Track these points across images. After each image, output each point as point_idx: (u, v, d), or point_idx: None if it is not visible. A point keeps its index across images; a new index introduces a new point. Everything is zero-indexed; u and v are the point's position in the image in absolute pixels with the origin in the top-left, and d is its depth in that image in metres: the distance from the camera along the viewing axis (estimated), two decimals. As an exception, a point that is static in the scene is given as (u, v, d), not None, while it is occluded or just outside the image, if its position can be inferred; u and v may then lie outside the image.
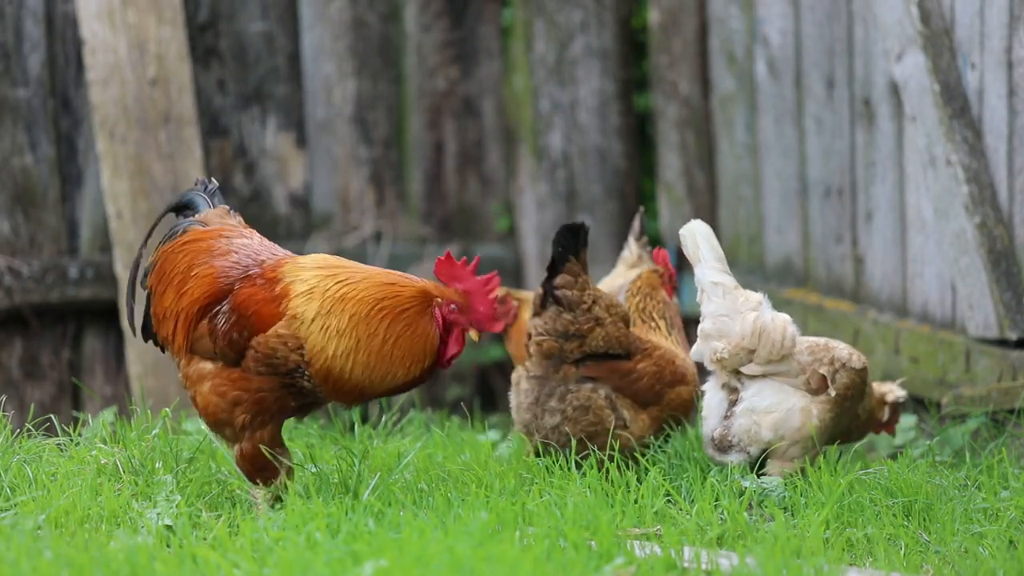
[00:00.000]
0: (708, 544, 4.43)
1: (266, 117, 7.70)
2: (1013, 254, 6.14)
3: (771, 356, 5.19)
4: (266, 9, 7.65)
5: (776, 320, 5.23)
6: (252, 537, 4.35)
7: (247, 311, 4.68)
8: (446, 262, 4.72)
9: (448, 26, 7.91)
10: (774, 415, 5.18)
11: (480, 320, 4.69)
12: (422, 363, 4.67)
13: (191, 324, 4.75)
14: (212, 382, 4.72)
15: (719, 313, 5.22)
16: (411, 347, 4.66)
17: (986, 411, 6.12)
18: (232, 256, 4.79)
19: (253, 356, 4.67)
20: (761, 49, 7.37)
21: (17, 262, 7.26)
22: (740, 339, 5.19)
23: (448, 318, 4.68)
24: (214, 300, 4.74)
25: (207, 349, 4.73)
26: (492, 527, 4.38)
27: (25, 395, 7.34)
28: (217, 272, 4.76)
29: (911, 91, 6.41)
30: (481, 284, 4.71)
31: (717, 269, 5.24)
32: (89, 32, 7.26)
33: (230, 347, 4.69)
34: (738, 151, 7.56)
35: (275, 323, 4.65)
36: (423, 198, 7.89)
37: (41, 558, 4.12)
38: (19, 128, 7.29)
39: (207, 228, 4.87)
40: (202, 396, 4.73)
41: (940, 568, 4.45)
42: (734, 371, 5.22)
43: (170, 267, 4.83)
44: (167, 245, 4.86)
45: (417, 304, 4.68)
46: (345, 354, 4.64)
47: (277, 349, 4.65)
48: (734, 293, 5.23)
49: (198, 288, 4.76)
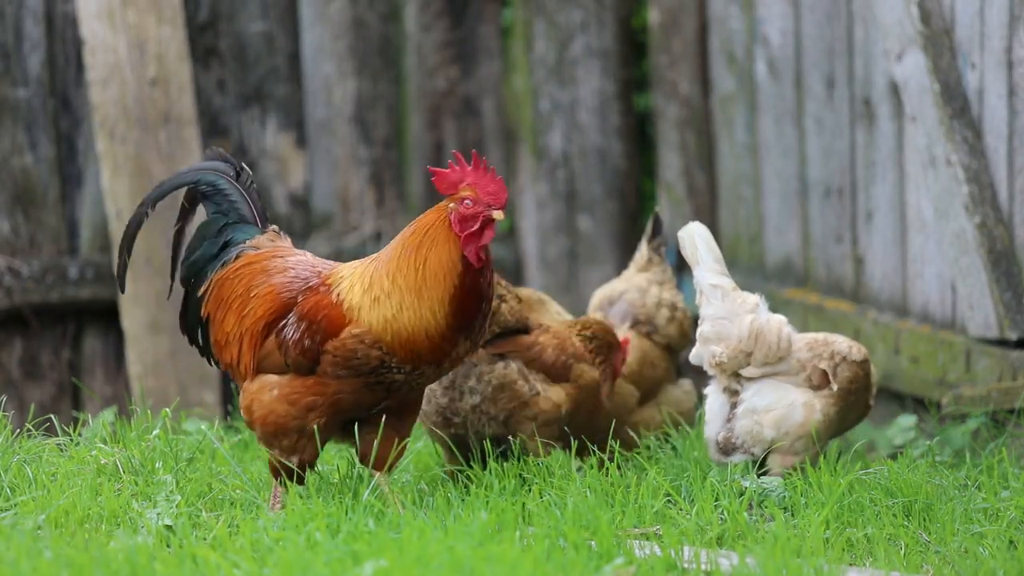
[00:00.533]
0: (708, 544, 4.43)
1: (266, 117, 7.70)
2: (1013, 254, 6.14)
3: (768, 358, 5.19)
4: (266, 9, 7.65)
5: (772, 322, 5.23)
6: (252, 537, 4.35)
7: (316, 316, 4.67)
8: (440, 174, 4.73)
9: (448, 26, 7.91)
10: (774, 413, 5.18)
11: (493, 196, 4.67)
12: (456, 271, 4.64)
13: (257, 344, 4.74)
14: (281, 390, 4.69)
15: (718, 316, 5.22)
16: (439, 261, 4.65)
17: (986, 411, 6.12)
18: (290, 272, 4.79)
19: (331, 361, 4.65)
20: (761, 49, 7.37)
21: (17, 262, 7.26)
22: (738, 342, 5.19)
23: (466, 213, 4.66)
24: (278, 316, 4.73)
25: (276, 364, 4.71)
26: (492, 527, 4.38)
27: (25, 395, 7.33)
28: (278, 288, 4.76)
29: (911, 91, 6.41)
30: (478, 167, 4.71)
31: (716, 271, 5.24)
32: (89, 32, 7.26)
33: (303, 355, 4.67)
34: (738, 151, 7.56)
35: (345, 325, 4.64)
36: (423, 198, 7.88)
37: (41, 558, 4.12)
38: (19, 128, 7.29)
39: (259, 251, 4.86)
40: (265, 404, 4.70)
41: (940, 568, 4.45)
42: (734, 374, 5.22)
43: (228, 292, 4.82)
44: (221, 272, 4.84)
45: (432, 225, 4.69)
46: (397, 310, 4.64)
47: (356, 350, 4.64)
48: (732, 295, 5.23)
49: (261, 306, 4.75)
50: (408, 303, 4.63)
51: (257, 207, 4.94)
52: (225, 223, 4.91)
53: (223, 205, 4.92)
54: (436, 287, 4.64)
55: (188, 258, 4.92)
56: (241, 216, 4.92)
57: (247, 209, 4.93)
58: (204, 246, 4.91)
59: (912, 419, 6.44)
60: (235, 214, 4.92)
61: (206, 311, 4.86)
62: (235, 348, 4.78)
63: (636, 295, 5.78)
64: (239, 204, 4.93)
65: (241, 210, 4.93)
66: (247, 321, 4.76)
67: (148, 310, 7.31)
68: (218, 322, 4.82)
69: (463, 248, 4.64)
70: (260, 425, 4.71)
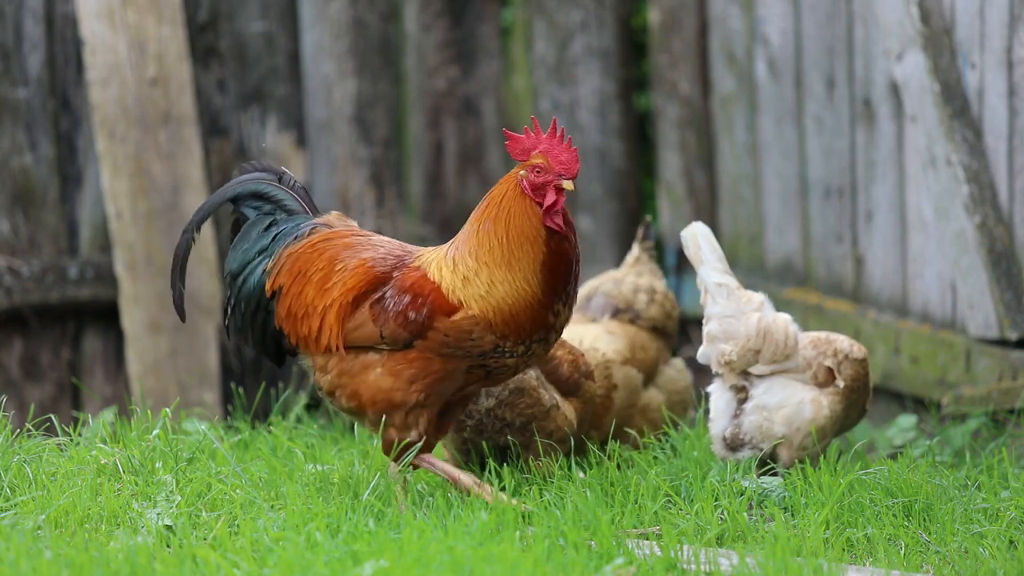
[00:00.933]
0: (708, 544, 4.43)
1: (266, 117, 7.70)
2: (1013, 254, 6.14)
3: (775, 356, 5.20)
4: (266, 9, 7.65)
5: (778, 320, 5.24)
6: (252, 537, 4.34)
7: (423, 290, 4.66)
8: (514, 139, 4.72)
9: (448, 26, 7.91)
10: (785, 410, 5.19)
11: (564, 165, 4.66)
12: (541, 236, 4.62)
13: (344, 314, 4.70)
14: (384, 367, 4.67)
15: (724, 314, 5.23)
16: (521, 230, 4.63)
17: (986, 411, 6.12)
18: (380, 249, 4.77)
19: (441, 340, 4.63)
20: (761, 49, 7.37)
21: (17, 262, 7.26)
22: (746, 340, 5.20)
23: (536, 181, 4.65)
24: (371, 288, 4.70)
25: (368, 336, 4.68)
26: (492, 527, 4.38)
27: (25, 395, 7.33)
28: (370, 262, 4.74)
29: (911, 91, 6.41)
30: (553, 135, 4.70)
31: (720, 270, 5.25)
32: (89, 32, 7.26)
33: (404, 328, 4.64)
34: (738, 151, 7.56)
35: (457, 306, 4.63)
36: (423, 198, 7.89)
37: (41, 558, 4.12)
38: (19, 128, 7.29)
39: (334, 228, 4.84)
40: (370, 384, 4.68)
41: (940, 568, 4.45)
42: (742, 372, 5.23)
43: (306, 265, 4.77)
44: (294, 247, 4.80)
45: (505, 195, 4.67)
46: (488, 286, 4.64)
47: (472, 331, 4.63)
48: (737, 294, 5.24)
49: (352, 278, 4.72)
50: (499, 277, 4.63)
51: (306, 201, 4.92)
52: (274, 220, 4.89)
53: (266, 207, 4.91)
54: (525, 256, 4.63)
55: (236, 253, 4.88)
56: (290, 211, 4.90)
57: (296, 204, 4.90)
58: (253, 240, 4.87)
59: (912, 419, 6.44)
60: (282, 212, 4.90)
61: (276, 284, 4.80)
62: (316, 320, 4.74)
63: (611, 286, 5.83)
64: (287, 202, 4.90)
65: (289, 206, 4.90)
66: (334, 292, 4.72)
67: (148, 310, 7.31)
68: (294, 294, 4.78)
69: (543, 216, 4.62)
70: (370, 406, 4.69)
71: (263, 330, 4.86)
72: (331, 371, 4.74)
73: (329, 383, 4.75)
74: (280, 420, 5.86)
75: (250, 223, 4.90)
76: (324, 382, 4.76)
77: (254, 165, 4.98)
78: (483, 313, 4.62)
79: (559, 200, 4.64)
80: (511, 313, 4.62)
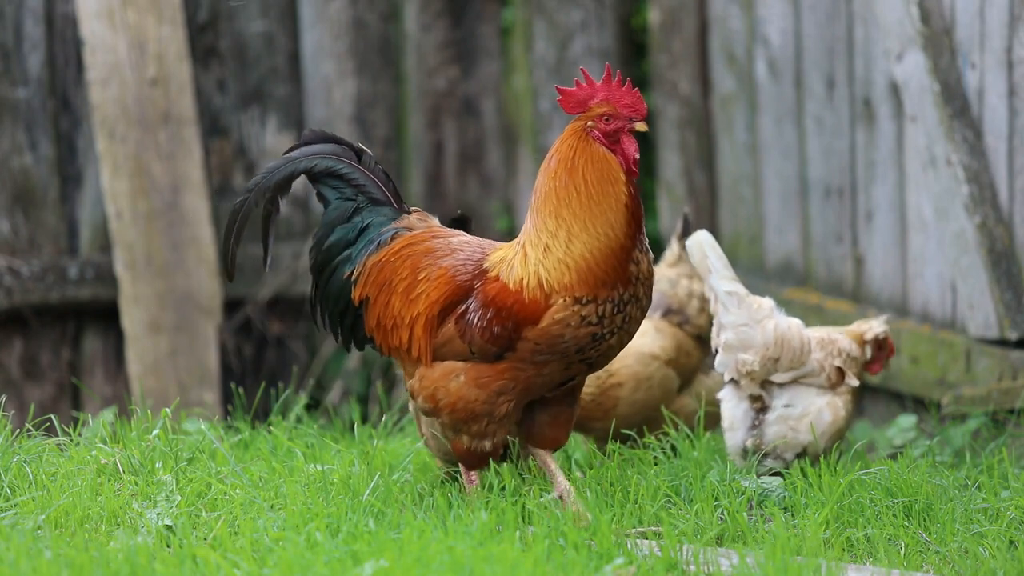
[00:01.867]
0: (708, 544, 4.43)
1: (266, 117, 7.70)
2: (1013, 254, 6.14)
3: (792, 363, 5.19)
4: (266, 9, 7.65)
5: (792, 326, 5.23)
6: (252, 537, 4.34)
7: (505, 302, 4.54)
8: (567, 93, 4.62)
9: (448, 26, 7.91)
10: (808, 418, 5.19)
11: (631, 108, 4.56)
12: (620, 180, 4.52)
13: (431, 327, 4.61)
14: (467, 375, 4.57)
15: (739, 323, 5.21)
16: (600, 175, 4.53)
17: (986, 411, 6.12)
18: (459, 254, 4.66)
19: (532, 348, 4.52)
20: (761, 49, 7.37)
21: (17, 262, 7.26)
22: (764, 349, 5.19)
23: (607, 129, 4.55)
24: (455, 300, 4.61)
25: (457, 351, 4.59)
26: (492, 527, 4.38)
27: (25, 395, 7.33)
28: (450, 271, 4.63)
29: (911, 91, 6.41)
30: (610, 81, 4.58)
31: (729, 278, 5.23)
32: (89, 32, 7.26)
33: (493, 343, 4.53)
34: (738, 151, 7.56)
35: (543, 310, 4.51)
36: (423, 198, 7.88)
37: (41, 558, 4.12)
38: (19, 128, 7.29)
39: (416, 232, 4.72)
40: (451, 391, 4.58)
41: (940, 568, 4.45)
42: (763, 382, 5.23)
43: (390, 275, 4.67)
44: (377, 255, 4.70)
45: (576, 148, 4.56)
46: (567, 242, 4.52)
47: (563, 334, 4.52)
48: (748, 301, 5.23)
49: (434, 290, 4.62)
50: (578, 229, 4.50)
51: (389, 188, 4.78)
52: (356, 208, 4.76)
53: (346, 190, 4.77)
54: (605, 201, 4.51)
55: (321, 245, 4.77)
56: (373, 199, 4.76)
57: (378, 191, 4.77)
58: (337, 232, 4.75)
59: (912, 419, 6.44)
60: (364, 198, 4.77)
61: (362, 293, 4.70)
62: (405, 332, 4.64)
63: (667, 285, 5.80)
64: (368, 187, 4.77)
65: (372, 193, 4.77)
66: (419, 305, 4.63)
67: (148, 310, 7.31)
68: (381, 305, 4.68)
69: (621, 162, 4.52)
70: (449, 412, 4.60)
71: (352, 331, 4.77)
72: (415, 376, 4.66)
73: (411, 385, 4.67)
74: (280, 420, 5.86)
75: (331, 209, 4.77)
76: (408, 384, 4.69)
77: (321, 134, 4.82)
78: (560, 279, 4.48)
79: (635, 146, 4.53)
80: (595, 266, 4.48)
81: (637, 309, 4.58)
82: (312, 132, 4.85)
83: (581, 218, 4.51)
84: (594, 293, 4.51)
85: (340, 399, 7.72)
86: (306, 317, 7.73)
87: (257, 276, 7.61)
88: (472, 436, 4.62)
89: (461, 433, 4.63)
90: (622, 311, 4.54)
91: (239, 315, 7.64)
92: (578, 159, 4.55)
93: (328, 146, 4.80)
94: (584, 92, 4.61)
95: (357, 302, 4.72)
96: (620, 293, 4.52)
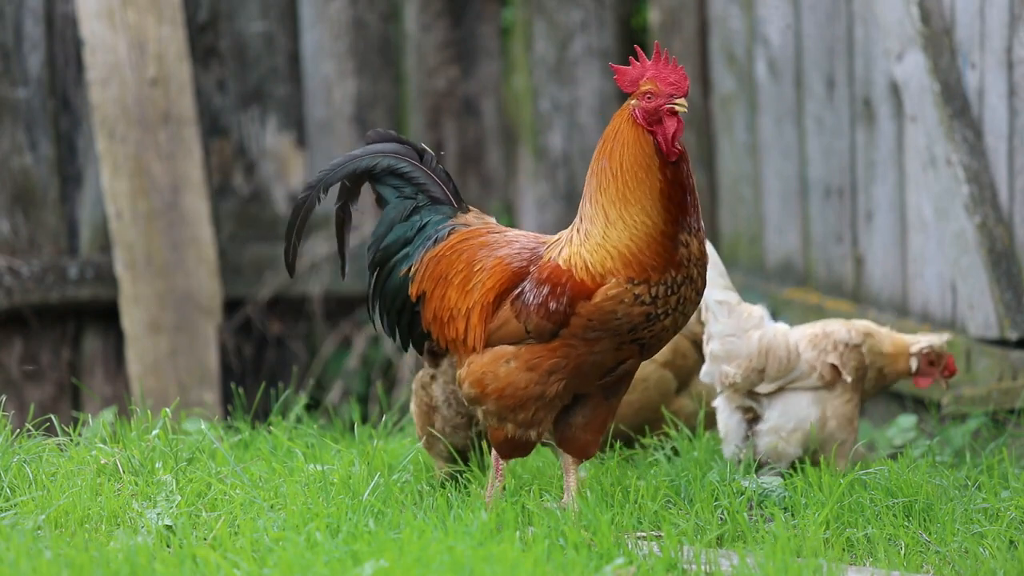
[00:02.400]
0: (708, 544, 4.43)
1: (266, 117, 7.70)
2: (1013, 254, 6.14)
3: (779, 372, 5.18)
4: (266, 9, 7.65)
5: (778, 335, 5.20)
6: (252, 537, 4.34)
7: (560, 278, 4.52)
8: (622, 72, 4.58)
9: (448, 26, 7.91)
10: (799, 432, 5.18)
11: (673, 85, 4.51)
12: (655, 165, 4.48)
13: (486, 315, 4.61)
14: (518, 359, 4.55)
15: (726, 333, 5.20)
16: (634, 159, 4.50)
17: (986, 411, 6.12)
18: (515, 244, 4.66)
19: (584, 324, 4.49)
20: (761, 49, 7.37)
21: (17, 262, 7.26)
22: (748, 360, 5.18)
23: (648, 107, 4.51)
24: (510, 285, 4.59)
25: (513, 333, 4.56)
26: (492, 527, 4.38)
27: (25, 395, 7.33)
28: (506, 259, 4.64)
29: (911, 91, 6.41)
30: (658, 60, 4.54)
31: (721, 286, 5.22)
32: (89, 32, 7.26)
33: (548, 319, 4.51)
34: (738, 151, 7.56)
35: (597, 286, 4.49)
36: (423, 198, 7.88)
37: (41, 558, 4.12)
38: (19, 128, 7.29)
39: (471, 227, 4.74)
40: (500, 376, 4.56)
41: (940, 568, 4.45)
42: (748, 392, 5.22)
43: (446, 269, 4.68)
44: (434, 251, 4.71)
45: (619, 128, 4.54)
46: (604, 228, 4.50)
47: (616, 310, 4.48)
48: (738, 310, 5.22)
49: (490, 278, 4.63)
50: (615, 215, 4.49)
51: (449, 187, 4.79)
52: (415, 206, 4.77)
53: (406, 189, 4.78)
54: (640, 187, 4.48)
55: (379, 243, 4.78)
56: (433, 197, 4.78)
57: (438, 190, 4.79)
58: (395, 230, 4.77)
59: (912, 419, 6.43)
60: (424, 197, 4.78)
61: (419, 289, 4.71)
62: (461, 322, 4.64)
63: None
64: (429, 186, 4.78)
65: (432, 191, 4.78)
66: (475, 294, 4.63)
67: (148, 310, 7.31)
68: (438, 298, 4.69)
69: (658, 142, 4.48)
70: (496, 398, 4.58)
71: (410, 329, 4.77)
72: (466, 368, 4.64)
73: (458, 374, 4.66)
74: (280, 420, 5.86)
75: (390, 207, 4.79)
76: (459, 374, 4.67)
77: (386, 134, 4.83)
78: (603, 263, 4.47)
79: (676, 125, 4.49)
80: (636, 252, 4.47)
81: (692, 290, 4.54)
82: (376, 132, 4.86)
83: (617, 204, 4.51)
84: (639, 274, 4.49)
85: (340, 399, 7.72)
86: (306, 317, 7.73)
87: (257, 276, 7.61)
88: (518, 424, 4.59)
89: (506, 421, 4.60)
90: (676, 292, 4.51)
91: (239, 315, 7.64)
92: (617, 144, 4.53)
93: (390, 145, 4.81)
94: (636, 71, 4.56)
95: (414, 298, 4.74)
96: (673, 276, 4.50)
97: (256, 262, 7.64)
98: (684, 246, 4.50)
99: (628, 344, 4.54)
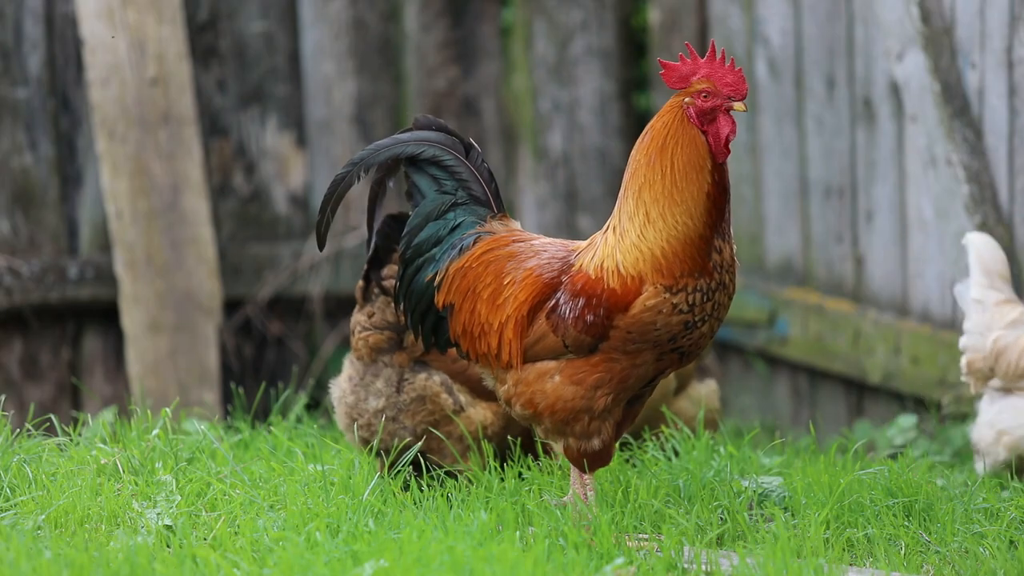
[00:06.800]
0: (708, 544, 4.43)
1: (266, 117, 7.70)
2: (1013, 254, 6.14)
3: (1006, 376, 5.24)
4: (266, 9, 7.65)
5: (1020, 339, 5.25)
6: (252, 537, 4.35)
7: (595, 290, 4.42)
8: (670, 67, 4.50)
9: (448, 26, 7.91)
10: (1008, 437, 5.18)
11: (732, 87, 4.42)
12: (707, 167, 4.38)
13: (521, 329, 4.50)
14: (563, 374, 4.45)
15: (970, 330, 5.32)
16: (688, 159, 4.39)
17: (986, 411, 6.12)
18: (543, 254, 4.54)
19: (623, 336, 4.40)
20: (761, 49, 7.37)
21: (17, 262, 7.26)
22: (980, 358, 5.26)
23: (704, 106, 4.42)
24: (543, 298, 4.48)
25: (551, 347, 4.46)
26: (492, 527, 4.38)
27: (25, 395, 7.34)
28: (536, 271, 4.51)
29: (911, 91, 6.41)
30: (714, 59, 4.45)
31: (983, 285, 5.35)
32: (89, 32, 7.26)
33: (586, 332, 4.41)
34: (738, 151, 7.56)
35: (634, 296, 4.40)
36: (423, 198, 7.88)
37: (41, 558, 4.12)
38: (19, 128, 7.29)
39: (496, 236, 4.59)
40: (548, 393, 4.47)
41: (940, 568, 4.45)
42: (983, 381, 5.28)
43: (473, 281, 4.55)
44: (459, 261, 4.57)
45: (671, 124, 4.44)
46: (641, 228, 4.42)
47: (655, 321, 4.40)
48: (994, 309, 5.30)
49: (522, 292, 4.50)
50: (656, 214, 4.40)
51: (491, 188, 4.63)
52: (454, 202, 4.62)
53: (447, 184, 4.64)
54: (689, 187, 4.38)
55: (412, 238, 4.63)
56: (473, 196, 4.62)
57: (480, 189, 4.63)
58: (429, 227, 4.62)
59: (912, 419, 6.44)
60: (464, 194, 4.63)
61: (446, 300, 4.58)
62: (494, 338, 4.51)
63: None
64: (470, 184, 4.63)
65: (472, 190, 4.62)
66: (507, 308, 4.50)
67: (148, 310, 7.31)
68: (467, 312, 4.55)
69: (709, 143, 4.39)
70: (549, 415, 4.48)
71: (434, 332, 4.64)
72: (508, 382, 4.54)
73: (505, 392, 4.55)
74: (280, 420, 5.86)
75: (427, 201, 4.65)
76: (501, 392, 4.57)
77: (435, 122, 4.69)
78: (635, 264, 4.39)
79: (730, 126, 4.40)
80: (670, 254, 4.38)
81: (725, 295, 4.46)
82: (424, 118, 4.72)
83: (661, 202, 4.41)
84: (673, 282, 4.41)
85: (340, 399, 7.72)
86: (306, 317, 7.74)
87: (257, 276, 7.61)
88: (577, 437, 4.49)
89: (566, 435, 4.51)
90: (711, 299, 4.43)
91: (239, 315, 7.64)
92: (669, 139, 4.43)
93: (438, 134, 4.67)
94: (687, 67, 4.47)
95: (441, 307, 4.61)
96: (707, 282, 4.42)
97: (256, 262, 7.64)
98: (717, 252, 4.42)
99: (668, 353, 4.46)
